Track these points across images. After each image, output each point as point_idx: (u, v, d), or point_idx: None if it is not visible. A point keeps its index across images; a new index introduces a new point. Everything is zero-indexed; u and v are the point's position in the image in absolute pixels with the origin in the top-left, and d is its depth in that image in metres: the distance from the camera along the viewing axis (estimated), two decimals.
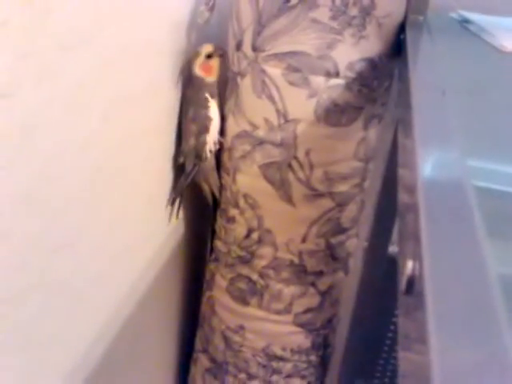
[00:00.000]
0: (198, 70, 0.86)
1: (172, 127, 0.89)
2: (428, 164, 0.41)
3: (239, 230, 0.94)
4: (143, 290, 0.88)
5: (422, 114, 0.47)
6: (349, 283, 1.01)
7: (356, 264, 1.01)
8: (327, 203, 0.88)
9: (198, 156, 0.90)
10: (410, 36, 0.77)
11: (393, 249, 0.93)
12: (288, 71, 0.80)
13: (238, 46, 0.84)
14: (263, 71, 0.82)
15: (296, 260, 0.92)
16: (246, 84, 0.85)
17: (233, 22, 0.86)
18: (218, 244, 0.99)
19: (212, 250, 1.03)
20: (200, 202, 1.06)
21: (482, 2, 0.96)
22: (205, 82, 0.87)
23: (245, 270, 0.96)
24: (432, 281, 0.27)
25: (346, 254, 0.96)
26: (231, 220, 0.95)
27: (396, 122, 0.75)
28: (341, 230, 0.92)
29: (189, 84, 0.87)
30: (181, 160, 0.90)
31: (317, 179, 0.86)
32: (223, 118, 0.91)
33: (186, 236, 1.07)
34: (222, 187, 0.96)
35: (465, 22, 0.84)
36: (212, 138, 0.90)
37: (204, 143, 0.89)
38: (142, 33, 0.70)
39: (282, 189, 0.87)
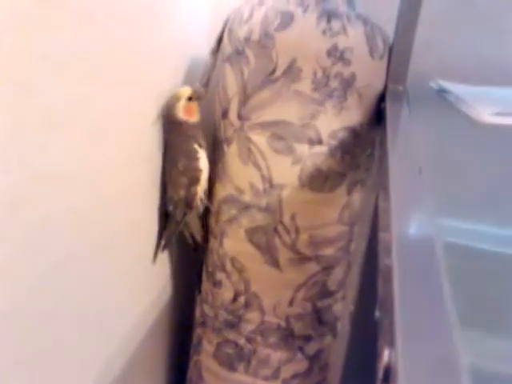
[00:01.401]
0: (181, 114, 0.83)
1: (156, 181, 0.89)
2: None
3: (226, 294, 0.94)
4: (128, 355, 0.87)
5: (399, 186, 0.49)
6: (337, 347, 1.00)
7: (344, 328, 1.00)
8: (313, 267, 0.89)
9: (188, 205, 0.89)
10: (389, 106, 0.80)
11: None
12: (273, 139, 0.83)
13: (224, 115, 0.87)
14: (249, 139, 0.84)
15: (283, 324, 0.92)
16: (232, 151, 0.87)
17: (219, 91, 0.89)
18: (205, 308, 0.99)
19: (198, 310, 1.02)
20: (188, 263, 1.06)
21: (460, 70, 1.00)
22: (189, 126, 0.85)
23: (232, 335, 0.95)
24: (405, 373, 0.27)
25: (333, 317, 0.96)
26: (218, 284, 0.94)
27: (378, 187, 0.78)
28: (327, 293, 0.92)
29: (172, 130, 0.85)
30: (170, 208, 0.89)
31: (302, 243, 0.87)
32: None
33: (173, 298, 1.06)
34: (208, 250, 0.97)
35: (442, 91, 0.88)
36: (202, 187, 0.89)
37: (195, 194, 0.88)
38: (128, 106, 0.72)
39: (269, 253, 0.88)
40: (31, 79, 0.50)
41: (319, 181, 0.84)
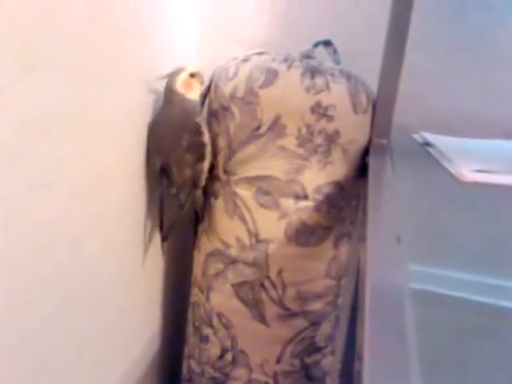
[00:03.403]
0: (179, 86, 0.79)
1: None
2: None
3: (213, 350, 0.92)
4: None
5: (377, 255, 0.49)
6: None
7: (333, 382, 0.98)
8: (301, 322, 0.87)
9: (194, 185, 0.85)
10: (372, 160, 0.81)
11: None
12: (258, 194, 0.83)
13: (211, 168, 0.87)
14: (235, 193, 0.84)
15: (271, 382, 0.89)
16: (218, 204, 0.87)
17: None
18: (192, 364, 0.96)
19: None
20: (176, 320, 1.04)
21: (443, 122, 1.02)
22: (188, 101, 0.80)
23: None
24: None
25: (322, 373, 0.94)
26: (205, 339, 0.93)
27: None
28: (316, 348, 0.91)
29: (170, 101, 0.81)
30: (173, 192, 0.84)
31: (290, 298, 0.86)
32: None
33: (160, 354, 1.04)
34: (195, 304, 0.95)
35: (426, 144, 0.89)
36: (207, 164, 0.86)
37: (201, 171, 0.84)
38: (112, 162, 0.72)
39: (255, 308, 0.87)
40: (16, 143, 0.50)
41: (305, 235, 0.83)
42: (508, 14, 0.98)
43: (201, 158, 0.83)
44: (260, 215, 0.83)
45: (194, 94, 0.81)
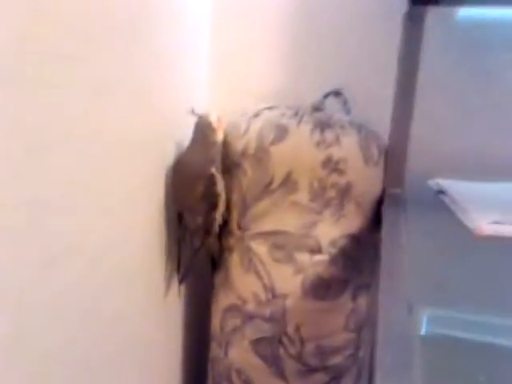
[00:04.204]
0: (214, 123, 0.80)
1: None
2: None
3: None
4: None
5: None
6: None
7: None
8: (322, 377, 0.86)
9: (207, 232, 0.86)
10: (387, 212, 0.80)
11: None
12: (273, 249, 0.83)
13: (225, 224, 0.88)
14: (249, 248, 0.84)
15: None
16: (233, 259, 0.87)
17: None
18: None
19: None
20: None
21: (459, 166, 1.01)
22: (215, 142, 0.81)
23: None
24: None
25: None
26: None
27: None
28: None
29: (197, 141, 0.81)
30: (186, 237, 0.85)
31: (309, 354, 0.84)
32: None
33: None
34: (214, 359, 0.94)
35: (441, 192, 0.88)
36: (220, 212, 0.86)
37: (213, 219, 0.85)
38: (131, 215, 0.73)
39: (274, 365, 0.85)
40: (25, 220, 0.51)
41: (322, 289, 0.83)
42: None
43: (214, 207, 0.84)
44: (275, 270, 0.83)
45: (220, 135, 0.82)
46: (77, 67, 0.55)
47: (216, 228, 0.87)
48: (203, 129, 0.80)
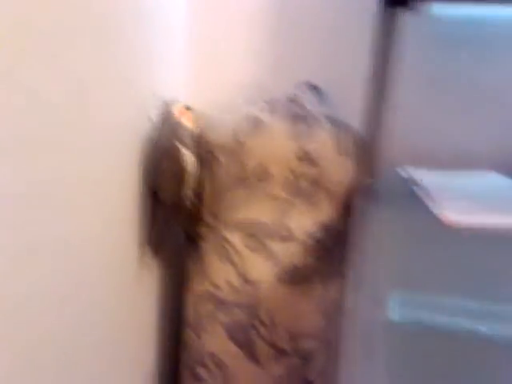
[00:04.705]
0: (175, 111, 0.82)
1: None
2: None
3: None
4: None
5: None
6: None
7: None
8: (293, 361, 0.88)
9: (179, 207, 0.86)
10: (358, 201, 0.82)
11: None
12: (246, 237, 0.84)
13: (198, 211, 0.88)
14: (223, 237, 0.86)
15: None
16: (207, 247, 0.88)
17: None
18: None
19: None
20: None
21: (430, 156, 1.03)
22: (179, 124, 0.82)
23: None
24: None
25: None
26: (198, 379, 0.93)
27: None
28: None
29: (162, 127, 0.83)
30: (159, 214, 0.85)
31: (280, 338, 0.86)
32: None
33: None
34: (187, 344, 0.95)
35: (411, 181, 0.90)
36: (190, 188, 0.86)
37: (184, 195, 0.85)
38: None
39: (247, 349, 0.87)
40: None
41: (294, 276, 0.85)
42: (493, 55, 1.00)
43: (181, 182, 0.83)
44: (248, 258, 0.84)
45: (187, 123, 0.82)
46: (55, 63, 0.54)
47: (187, 204, 0.87)
48: (168, 112, 0.81)
